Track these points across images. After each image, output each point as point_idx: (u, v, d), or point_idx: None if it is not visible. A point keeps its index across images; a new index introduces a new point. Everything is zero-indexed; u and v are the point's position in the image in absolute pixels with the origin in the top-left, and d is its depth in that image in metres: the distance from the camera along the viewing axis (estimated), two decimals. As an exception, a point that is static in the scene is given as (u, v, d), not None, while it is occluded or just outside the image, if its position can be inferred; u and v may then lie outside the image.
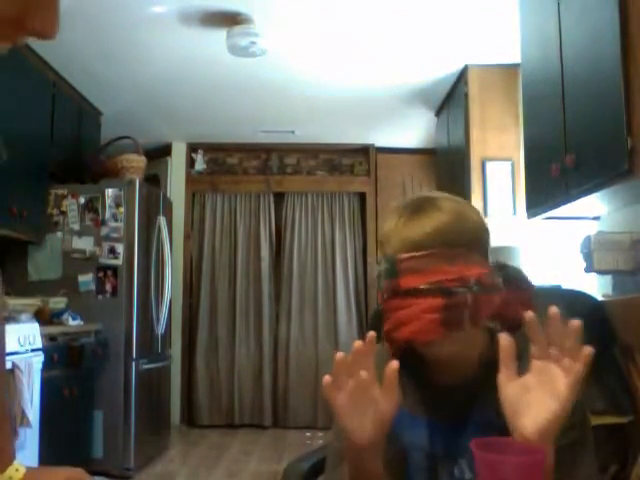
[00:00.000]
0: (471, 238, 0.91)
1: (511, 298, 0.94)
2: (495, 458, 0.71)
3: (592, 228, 2.62)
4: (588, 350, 0.73)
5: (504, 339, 0.79)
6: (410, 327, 0.88)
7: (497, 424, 0.88)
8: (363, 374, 0.79)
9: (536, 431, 0.73)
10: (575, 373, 0.73)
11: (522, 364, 0.79)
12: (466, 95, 3.71)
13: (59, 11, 0.46)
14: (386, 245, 0.94)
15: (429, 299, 0.87)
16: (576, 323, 0.74)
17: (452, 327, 0.87)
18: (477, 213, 0.96)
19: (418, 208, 0.93)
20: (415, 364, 0.98)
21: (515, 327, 0.85)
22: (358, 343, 0.81)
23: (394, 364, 0.81)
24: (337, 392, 0.81)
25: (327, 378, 0.81)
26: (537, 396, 0.76)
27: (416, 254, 0.89)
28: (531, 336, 0.77)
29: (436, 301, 0.87)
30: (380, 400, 0.82)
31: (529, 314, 0.77)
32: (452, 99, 4.10)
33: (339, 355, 0.81)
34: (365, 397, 0.82)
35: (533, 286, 0.98)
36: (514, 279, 0.97)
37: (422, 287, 0.88)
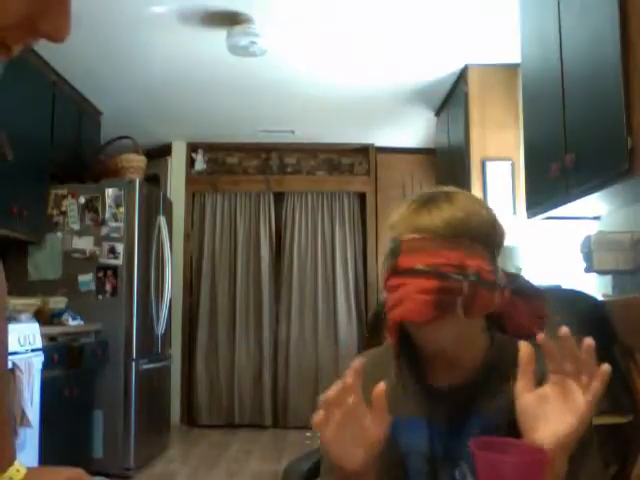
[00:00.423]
0: (478, 233, 0.91)
1: (522, 307, 0.96)
2: (495, 458, 0.71)
3: (592, 228, 2.62)
4: (605, 368, 0.73)
5: (524, 347, 0.78)
6: (403, 306, 0.88)
7: (498, 426, 0.88)
8: (349, 400, 0.77)
9: (554, 443, 0.74)
10: (594, 391, 0.73)
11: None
12: (466, 95, 3.71)
13: (71, 14, 0.45)
14: (392, 231, 0.95)
15: (424, 280, 0.87)
16: (589, 342, 0.73)
17: (444, 311, 0.87)
18: (490, 212, 0.96)
19: (430, 199, 0.94)
20: (415, 365, 0.98)
21: (525, 337, 0.85)
22: (348, 380, 0.78)
23: (380, 387, 0.78)
24: (326, 426, 0.78)
25: (319, 418, 0.76)
26: (555, 408, 0.76)
27: (418, 236, 0.90)
28: (546, 354, 0.77)
29: (430, 283, 0.87)
30: (370, 424, 0.79)
31: (540, 336, 0.76)
32: (452, 99, 4.10)
33: (327, 394, 0.78)
34: (354, 423, 0.79)
35: (545, 297, 0.98)
36: (526, 289, 0.98)
37: (418, 267, 0.88)
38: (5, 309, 0.78)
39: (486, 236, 0.93)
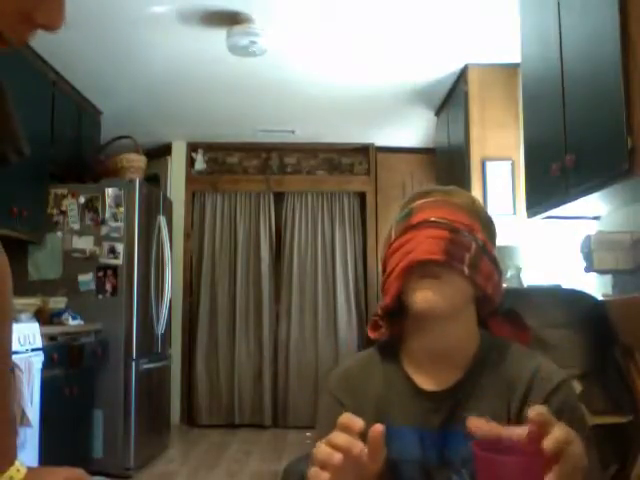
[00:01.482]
0: (482, 218, 0.97)
1: (507, 330, 0.99)
2: (495, 458, 0.71)
3: (592, 228, 2.62)
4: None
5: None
6: (413, 253, 0.89)
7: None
8: (355, 451, 0.70)
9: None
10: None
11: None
12: (466, 94, 3.71)
13: (64, 3, 0.46)
14: (399, 214, 0.98)
15: (436, 229, 0.90)
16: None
17: (453, 260, 0.88)
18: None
19: (435, 188, 1.01)
20: (403, 370, 0.97)
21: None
22: (355, 450, 0.70)
23: (378, 428, 0.72)
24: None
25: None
26: None
27: (430, 199, 0.95)
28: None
29: (443, 232, 0.89)
30: (366, 461, 0.73)
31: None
32: (452, 98, 4.10)
33: (333, 459, 0.70)
34: (351, 461, 0.71)
35: (530, 331, 1.01)
36: (514, 319, 1.01)
37: (432, 219, 0.91)
38: (11, 310, 0.77)
39: (488, 222, 0.98)
